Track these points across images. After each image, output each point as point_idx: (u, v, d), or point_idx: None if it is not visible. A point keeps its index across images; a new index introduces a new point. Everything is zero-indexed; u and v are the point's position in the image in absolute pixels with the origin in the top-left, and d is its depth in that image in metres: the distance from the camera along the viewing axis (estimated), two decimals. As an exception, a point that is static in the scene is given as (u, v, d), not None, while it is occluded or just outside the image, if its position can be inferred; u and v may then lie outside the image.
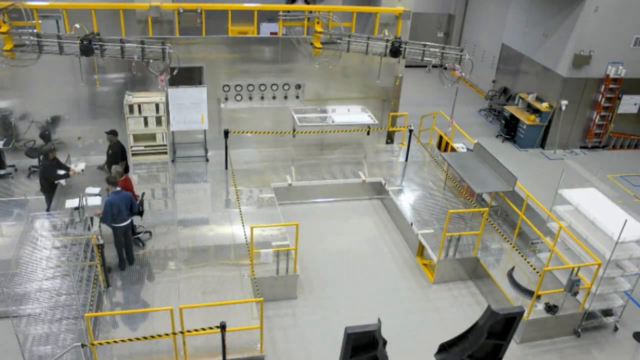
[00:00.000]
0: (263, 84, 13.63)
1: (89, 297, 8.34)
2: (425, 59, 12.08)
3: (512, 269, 10.35)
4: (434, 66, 12.14)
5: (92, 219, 9.12)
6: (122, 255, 9.66)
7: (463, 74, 11.76)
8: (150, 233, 10.72)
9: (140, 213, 10.10)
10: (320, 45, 12.80)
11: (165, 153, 13.31)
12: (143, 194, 10.57)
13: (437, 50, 12.00)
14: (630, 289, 9.84)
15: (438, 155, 14.36)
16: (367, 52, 12.35)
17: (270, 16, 15.56)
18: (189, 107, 12.78)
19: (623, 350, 9.65)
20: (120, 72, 12.71)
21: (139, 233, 10.49)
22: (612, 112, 16.86)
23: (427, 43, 12.08)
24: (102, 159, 13.05)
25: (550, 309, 9.44)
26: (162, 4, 12.35)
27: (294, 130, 13.71)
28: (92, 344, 7.46)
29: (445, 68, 12.14)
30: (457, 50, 12.00)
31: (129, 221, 9.52)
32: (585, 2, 15.34)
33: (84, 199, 9.59)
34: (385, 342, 6.98)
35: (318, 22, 12.90)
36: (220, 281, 9.69)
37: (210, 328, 7.87)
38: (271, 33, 14.60)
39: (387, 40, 12.08)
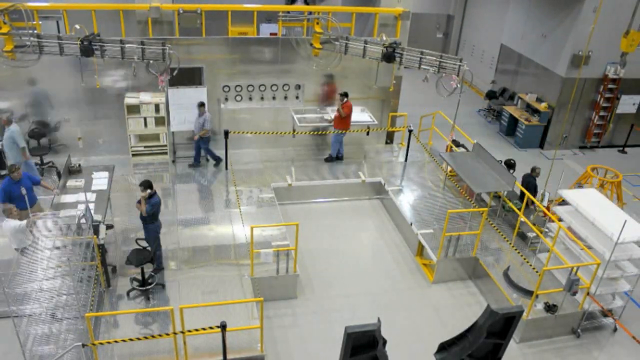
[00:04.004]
0: (263, 85, 13.65)
1: (90, 297, 8.36)
2: (422, 67, 11.84)
3: (508, 268, 10.38)
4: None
5: (97, 226, 9.13)
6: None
7: (459, 85, 11.46)
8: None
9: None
10: (320, 46, 12.83)
11: (166, 153, 13.35)
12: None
13: (434, 58, 11.61)
14: (630, 290, 9.87)
15: (437, 155, 14.38)
16: (364, 56, 12.33)
17: (270, 17, 15.60)
18: (189, 108, 12.81)
19: (623, 351, 9.67)
20: (120, 72, 12.72)
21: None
22: (610, 112, 16.90)
23: (424, 50, 11.76)
24: (102, 159, 13.11)
25: (550, 308, 9.47)
26: (162, 5, 12.38)
27: (293, 131, 13.74)
28: (93, 344, 7.48)
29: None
30: (455, 60, 11.52)
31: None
32: (584, 3, 15.38)
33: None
34: (385, 342, 7.01)
35: (317, 23, 12.92)
36: (220, 281, 9.72)
37: (211, 328, 7.90)
38: (271, 34, 14.63)
39: (383, 45, 11.99)
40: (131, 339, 7.92)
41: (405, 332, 9.64)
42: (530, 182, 11.89)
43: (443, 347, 7.56)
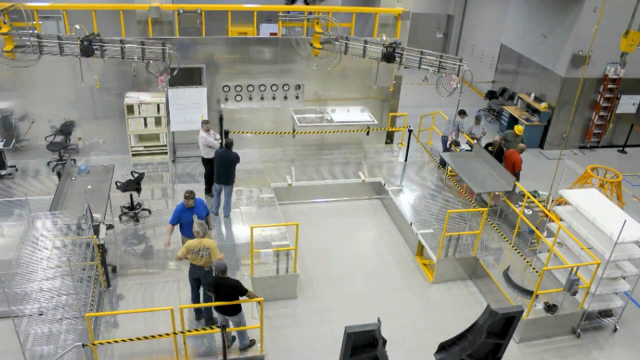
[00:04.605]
0: (263, 85, 13.65)
1: (90, 297, 8.36)
2: (422, 67, 11.83)
3: (508, 268, 10.38)
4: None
5: (98, 226, 9.13)
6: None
7: (459, 85, 11.46)
8: (150, 211, 11.45)
9: (138, 190, 11.10)
10: (320, 46, 12.82)
11: (166, 153, 13.34)
12: (143, 173, 11.48)
13: (434, 58, 11.60)
14: (630, 290, 9.87)
15: (437, 155, 14.39)
16: (364, 56, 12.33)
17: (270, 17, 15.60)
18: (189, 108, 12.81)
19: (623, 351, 9.67)
20: (120, 72, 12.72)
21: (139, 209, 11.19)
22: (610, 112, 16.90)
23: (424, 50, 11.77)
24: (102, 159, 13.10)
25: (550, 308, 9.47)
26: (162, 5, 12.38)
27: (293, 131, 13.74)
28: (93, 344, 7.48)
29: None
30: (455, 60, 11.50)
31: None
32: (584, 3, 15.38)
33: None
34: (385, 342, 7.01)
35: (317, 23, 12.92)
36: (221, 281, 9.70)
37: (211, 328, 7.90)
38: (271, 34, 14.63)
39: (383, 45, 11.99)
40: (131, 339, 7.91)
41: (405, 332, 9.64)
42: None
43: (443, 347, 7.57)
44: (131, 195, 11.17)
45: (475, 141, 13.67)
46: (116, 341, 7.88)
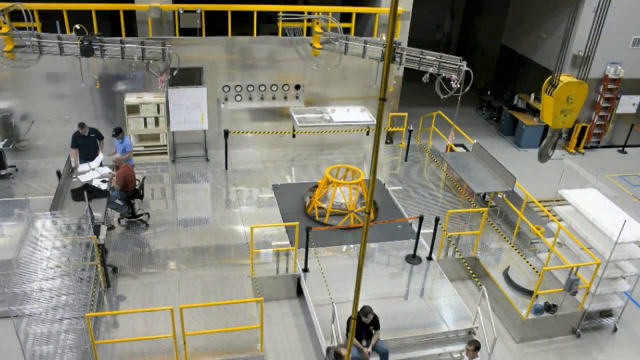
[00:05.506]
0: (263, 85, 13.65)
1: (90, 297, 8.36)
2: (422, 67, 11.78)
3: (508, 268, 10.38)
4: (432, 75, 11.82)
5: (99, 226, 9.13)
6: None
7: (459, 86, 11.43)
8: (149, 215, 11.23)
9: (141, 197, 10.98)
10: (320, 46, 12.83)
11: (166, 153, 13.34)
12: (143, 178, 11.40)
13: (434, 58, 11.52)
14: (630, 290, 9.87)
15: (437, 155, 14.39)
16: (364, 56, 12.32)
17: (270, 17, 15.59)
18: (189, 108, 12.81)
19: (622, 351, 9.67)
20: (120, 72, 12.72)
21: (140, 215, 11.05)
22: (610, 112, 16.90)
23: (424, 50, 11.76)
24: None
25: (550, 308, 9.47)
26: (162, 5, 12.38)
27: (293, 131, 13.73)
28: (93, 344, 7.48)
29: (444, 78, 11.71)
30: (455, 60, 11.40)
31: None
32: (584, 3, 15.36)
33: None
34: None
35: (317, 23, 12.92)
36: (220, 281, 9.72)
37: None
38: (271, 34, 14.61)
39: (383, 45, 11.98)
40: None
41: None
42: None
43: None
44: (132, 203, 10.98)
45: None
46: (116, 341, 7.89)
